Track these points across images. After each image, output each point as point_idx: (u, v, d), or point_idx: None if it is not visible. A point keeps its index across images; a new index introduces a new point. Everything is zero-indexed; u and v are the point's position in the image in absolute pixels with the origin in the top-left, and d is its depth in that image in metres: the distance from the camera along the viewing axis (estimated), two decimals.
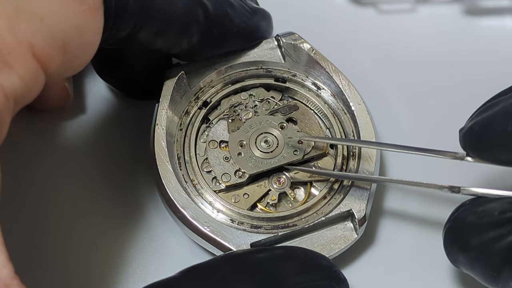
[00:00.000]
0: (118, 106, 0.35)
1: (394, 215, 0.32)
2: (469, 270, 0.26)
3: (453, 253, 0.26)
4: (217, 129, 0.32)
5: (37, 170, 0.33)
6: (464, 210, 0.26)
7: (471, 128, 0.26)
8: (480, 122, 0.25)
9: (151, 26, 0.27)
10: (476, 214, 0.25)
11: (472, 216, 0.25)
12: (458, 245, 0.26)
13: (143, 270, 0.31)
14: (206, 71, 0.32)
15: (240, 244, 0.28)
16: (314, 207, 0.30)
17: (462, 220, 0.26)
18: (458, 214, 0.26)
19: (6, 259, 0.20)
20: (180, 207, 0.29)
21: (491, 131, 0.25)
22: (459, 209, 0.26)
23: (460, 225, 0.26)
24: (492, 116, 0.25)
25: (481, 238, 0.25)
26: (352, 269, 0.31)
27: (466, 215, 0.26)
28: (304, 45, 0.33)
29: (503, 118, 0.25)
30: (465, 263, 0.26)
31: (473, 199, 0.26)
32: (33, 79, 0.22)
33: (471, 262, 0.25)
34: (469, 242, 0.25)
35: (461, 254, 0.26)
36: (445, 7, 0.39)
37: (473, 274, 0.26)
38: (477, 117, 0.26)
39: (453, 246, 0.26)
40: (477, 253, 0.25)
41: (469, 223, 0.25)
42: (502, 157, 0.25)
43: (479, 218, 0.25)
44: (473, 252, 0.25)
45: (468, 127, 0.26)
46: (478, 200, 0.26)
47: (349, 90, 0.32)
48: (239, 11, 0.31)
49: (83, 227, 0.31)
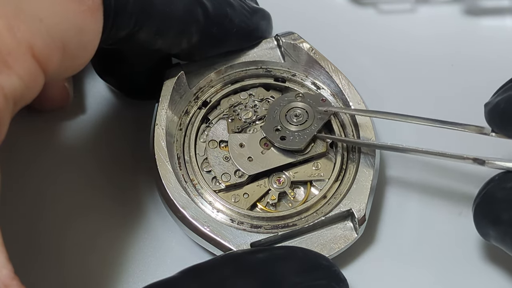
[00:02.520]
0: (118, 106, 0.35)
1: (394, 215, 0.32)
2: (499, 243, 0.26)
3: (483, 228, 0.27)
4: (217, 129, 0.32)
5: (37, 170, 0.33)
6: (493, 186, 0.26)
7: (497, 105, 0.26)
8: (506, 99, 0.25)
9: (150, 26, 0.27)
10: (505, 190, 0.26)
11: (501, 191, 0.26)
12: (488, 219, 0.26)
13: (143, 270, 0.31)
14: (205, 71, 0.33)
15: (240, 244, 0.28)
16: (314, 206, 0.30)
17: (491, 196, 0.26)
18: (488, 190, 0.26)
19: (5, 260, 0.20)
20: (180, 207, 0.29)
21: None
22: (488, 184, 0.27)
23: (489, 201, 0.26)
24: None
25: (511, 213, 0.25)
26: (352, 269, 0.31)
27: (496, 190, 0.26)
28: (304, 44, 0.33)
29: None
30: (495, 237, 0.26)
31: (502, 174, 0.26)
32: (32, 79, 0.22)
33: (502, 236, 0.26)
34: (499, 217, 0.25)
35: (491, 229, 0.26)
36: (445, 7, 0.39)
37: (504, 247, 0.26)
38: (503, 93, 0.26)
39: (483, 221, 0.26)
40: (507, 227, 0.25)
41: (499, 199, 0.26)
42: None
43: (509, 194, 0.25)
44: (503, 227, 0.25)
45: (494, 103, 0.26)
46: (507, 175, 0.26)
47: (349, 90, 0.32)
48: (238, 11, 0.31)
49: (83, 227, 0.31)
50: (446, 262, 0.31)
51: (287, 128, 0.31)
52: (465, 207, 0.32)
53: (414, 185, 0.33)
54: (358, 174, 0.30)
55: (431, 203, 0.32)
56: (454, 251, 0.31)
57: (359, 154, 0.31)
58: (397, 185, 0.33)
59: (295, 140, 0.31)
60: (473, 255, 0.31)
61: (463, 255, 0.31)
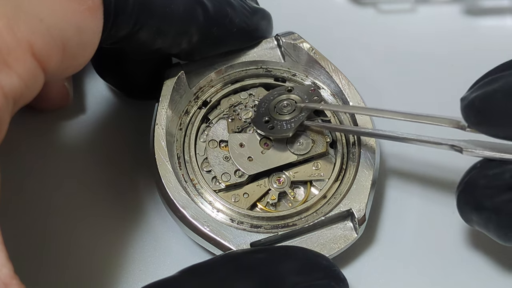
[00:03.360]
0: (118, 106, 0.35)
1: (394, 215, 0.32)
2: (482, 229, 0.27)
3: (467, 214, 0.27)
4: (217, 129, 0.32)
5: (37, 170, 0.33)
6: (475, 173, 0.26)
7: (472, 102, 0.25)
8: (481, 97, 0.25)
9: (150, 26, 0.27)
10: (487, 178, 0.26)
11: (483, 179, 0.26)
12: (471, 206, 0.26)
13: (143, 270, 0.31)
14: (205, 71, 0.33)
15: (240, 244, 0.28)
16: (314, 206, 0.30)
17: (474, 183, 0.26)
18: (470, 177, 0.26)
19: (5, 259, 0.20)
20: (180, 206, 0.29)
21: (490, 109, 0.25)
22: (470, 171, 0.27)
23: (472, 188, 0.26)
24: (492, 93, 0.25)
25: (493, 200, 0.25)
26: (351, 269, 0.31)
27: (478, 178, 0.26)
28: (304, 44, 0.33)
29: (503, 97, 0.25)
30: (478, 223, 0.26)
31: (484, 162, 0.26)
32: (32, 78, 0.22)
33: (485, 222, 0.26)
34: (482, 204, 0.26)
35: (474, 215, 0.26)
36: (445, 7, 0.39)
37: (487, 232, 0.26)
38: (478, 89, 0.26)
39: (466, 207, 0.27)
40: (490, 214, 0.25)
41: (481, 186, 0.26)
42: (501, 134, 0.25)
43: (491, 181, 0.25)
44: (486, 214, 0.26)
45: (469, 100, 0.26)
46: (488, 163, 0.26)
47: (349, 90, 0.32)
48: (239, 10, 0.31)
49: (83, 226, 0.31)
50: (446, 262, 0.31)
51: (275, 118, 0.31)
52: None
53: (414, 185, 0.33)
54: (358, 174, 0.30)
55: (431, 203, 0.32)
56: (454, 251, 0.31)
57: (359, 154, 0.31)
58: (397, 185, 0.33)
59: (283, 128, 0.31)
60: (473, 255, 0.31)
61: (462, 255, 0.31)
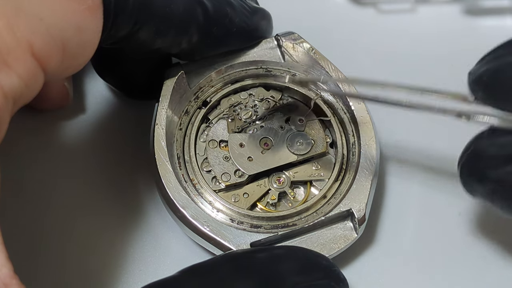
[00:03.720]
0: (118, 106, 0.35)
1: (394, 215, 0.32)
2: (487, 200, 0.26)
3: (470, 185, 0.26)
4: (217, 129, 0.32)
5: (37, 170, 0.33)
6: (482, 141, 0.25)
7: (480, 77, 0.25)
8: (490, 71, 0.25)
9: (150, 26, 0.27)
10: (494, 146, 0.25)
11: (491, 148, 0.25)
12: (475, 177, 0.25)
13: (143, 270, 0.31)
14: (205, 71, 0.32)
15: (240, 244, 0.28)
16: (314, 206, 0.30)
17: (480, 152, 0.25)
18: (476, 145, 0.25)
19: (5, 259, 0.20)
20: (180, 206, 0.29)
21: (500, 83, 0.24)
22: (477, 139, 0.26)
23: (478, 157, 0.25)
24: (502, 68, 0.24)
25: (500, 171, 0.24)
26: (351, 269, 0.31)
27: (485, 146, 0.25)
28: (304, 44, 0.33)
29: None
30: (483, 194, 0.25)
31: (489, 132, 0.25)
32: (32, 78, 0.22)
33: (490, 194, 0.25)
34: (487, 175, 0.25)
35: (479, 186, 0.25)
36: (445, 7, 0.39)
37: (491, 204, 0.26)
38: (487, 64, 0.25)
39: (470, 178, 0.26)
40: (496, 185, 0.25)
41: (487, 156, 0.25)
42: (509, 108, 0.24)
43: (498, 150, 0.24)
44: (492, 185, 0.25)
45: (477, 75, 0.25)
46: (496, 132, 0.25)
47: (349, 90, 0.32)
48: (239, 10, 0.31)
49: (83, 226, 0.31)
50: (446, 262, 0.31)
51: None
52: (465, 207, 0.32)
53: (414, 185, 0.33)
54: (358, 174, 0.30)
55: (431, 203, 0.32)
56: (454, 251, 0.31)
57: (359, 154, 0.31)
58: (397, 185, 0.33)
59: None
60: (473, 255, 0.31)
61: (462, 255, 0.31)
